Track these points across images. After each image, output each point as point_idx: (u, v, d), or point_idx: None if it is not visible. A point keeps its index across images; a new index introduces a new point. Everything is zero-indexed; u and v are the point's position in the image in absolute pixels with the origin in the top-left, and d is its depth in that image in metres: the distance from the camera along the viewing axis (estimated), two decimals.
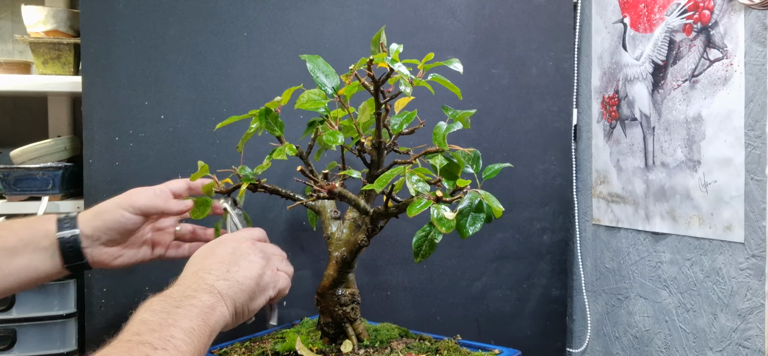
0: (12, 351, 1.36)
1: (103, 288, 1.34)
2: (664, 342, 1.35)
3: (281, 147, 1.04)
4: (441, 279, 1.53)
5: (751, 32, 1.10)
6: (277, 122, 1.07)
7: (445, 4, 1.52)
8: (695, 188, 1.23)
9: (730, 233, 1.15)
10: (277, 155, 1.04)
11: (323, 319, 1.12)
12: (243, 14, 1.40)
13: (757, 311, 1.10)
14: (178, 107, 1.38)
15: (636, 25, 1.40)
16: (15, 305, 1.36)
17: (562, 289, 1.62)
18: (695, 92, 1.23)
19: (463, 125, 1.02)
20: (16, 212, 1.47)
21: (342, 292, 1.10)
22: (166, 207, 1.09)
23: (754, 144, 1.10)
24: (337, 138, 0.98)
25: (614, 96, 1.49)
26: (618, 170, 1.48)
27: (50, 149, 1.53)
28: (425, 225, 0.90)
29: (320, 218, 1.17)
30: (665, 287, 1.34)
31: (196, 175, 1.12)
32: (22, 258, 0.99)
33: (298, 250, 1.44)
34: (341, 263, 1.09)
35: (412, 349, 1.09)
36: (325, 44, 1.45)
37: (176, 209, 1.10)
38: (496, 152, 1.55)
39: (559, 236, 1.61)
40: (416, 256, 0.90)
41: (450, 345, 1.12)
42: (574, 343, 1.69)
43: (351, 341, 1.09)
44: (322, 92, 1.01)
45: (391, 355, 1.07)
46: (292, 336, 1.14)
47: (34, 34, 1.53)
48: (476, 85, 1.54)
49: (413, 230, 0.92)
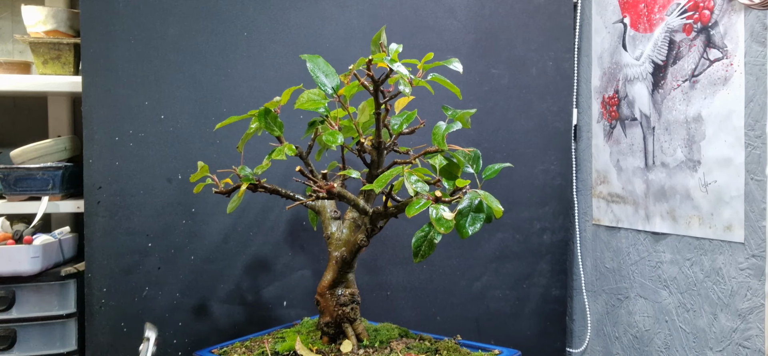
0: (12, 351, 1.36)
1: (103, 288, 1.34)
2: (664, 342, 1.35)
3: (281, 147, 1.04)
4: (441, 279, 1.53)
5: (751, 32, 1.10)
6: (276, 122, 1.07)
7: (445, 4, 1.52)
8: (695, 188, 1.23)
9: (730, 233, 1.15)
10: (276, 156, 1.04)
11: (323, 319, 1.12)
12: (243, 14, 1.40)
13: (757, 311, 1.10)
14: (178, 107, 1.38)
15: (636, 25, 1.40)
16: (15, 305, 1.36)
17: (562, 289, 1.62)
18: (695, 91, 1.23)
19: (462, 125, 1.02)
20: (17, 212, 1.48)
21: (342, 292, 1.10)
22: None
23: (754, 144, 1.10)
24: (337, 138, 0.98)
25: (614, 96, 1.49)
26: (618, 170, 1.48)
27: (50, 149, 1.53)
28: (424, 225, 0.90)
29: (320, 218, 1.17)
30: (665, 287, 1.34)
31: (196, 175, 1.12)
32: None
33: (298, 250, 1.45)
34: (341, 263, 1.09)
35: (412, 349, 1.09)
36: (325, 44, 1.45)
37: None
38: (496, 152, 1.55)
39: (559, 236, 1.61)
40: (415, 256, 0.90)
41: (450, 345, 1.12)
42: (574, 343, 1.69)
43: (351, 341, 1.09)
44: (321, 92, 1.01)
45: (391, 355, 1.07)
46: (292, 336, 1.14)
47: (34, 34, 1.53)
48: (476, 85, 1.54)
49: (413, 231, 0.92)
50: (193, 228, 1.38)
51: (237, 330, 1.40)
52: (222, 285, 1.40)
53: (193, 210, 1.38)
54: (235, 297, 1.41)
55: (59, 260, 1.45)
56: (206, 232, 1.39)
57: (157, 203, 1.37)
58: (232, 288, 1.41)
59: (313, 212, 1.22)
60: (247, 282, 1.42)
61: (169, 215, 1.37)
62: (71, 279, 1.39)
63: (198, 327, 1.39)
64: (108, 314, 1.34)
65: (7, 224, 1.46)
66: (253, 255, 1.42)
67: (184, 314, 1.38)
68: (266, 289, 1.43)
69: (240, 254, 1.41)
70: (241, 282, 1.41)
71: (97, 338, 1.34)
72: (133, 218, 1.36)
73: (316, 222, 1.23)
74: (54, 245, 1.42)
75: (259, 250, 1.42)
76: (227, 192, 1.12)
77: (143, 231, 1.36)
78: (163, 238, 1.37)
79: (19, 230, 1.43)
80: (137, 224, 1.36)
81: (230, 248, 1.40)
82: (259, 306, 1.43)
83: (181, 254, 1.38)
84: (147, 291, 1.36)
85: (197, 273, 1.39)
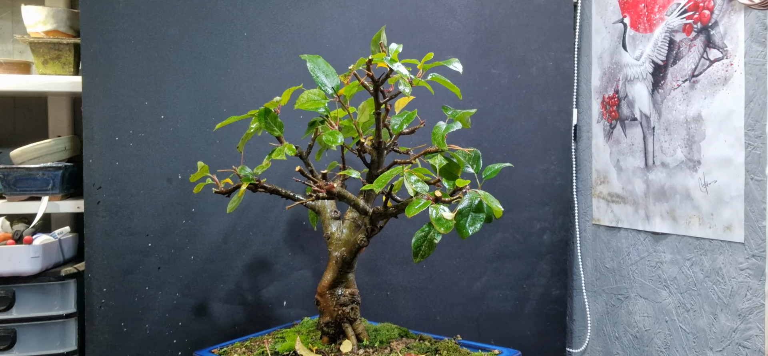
0: (12, 351, 1.36)
1: (103, 288, 1.34)
2: (664, 342, 1.35)
3: (280, 147, 1.04)
4: (441, 278, 1.53)
5: (751, 32, 1.10)
6: (276, 122, 1.07)
7: (445, 4, 1.52)
8: (695, 188, 1.23)
9: (730, 233, 1.15)
10: (276, 156, 1.04)
11: (323, 319, 1.12)
12: (243, 14, 1.40)
13: (757, 311, 1.10)
14: (178, 107, 1.38)
15: (636, 25, 1.40)
16: (15, 305, 1.36)
17: (562, 289, 1.62)
18: (695, 92, 1.23)
19: (462, 125, 1.02)
20: (17, 212, 1.48)
21: (342, 292, 1.10)
22: None
23: (754, 144, 1.10)
24: (337, 138, 0.98)
25: (614, 96, 1.49)
26: (618, 170, 1.48)
27: (50, 149, 1.53)
28: (424, 225, 0.90)
29: (320, 218, 1.17)
30: (665, 287, 1.34)
31: (196, 175, 1.12)
32: None
33: (298, 250, 1.45)
34: (341, 263, 1.09)
35: (412, 349, 1.09)
36: (325, 44, 1.45)
37: None
38: (496, 152, 1.55)
39: (559, 236, 1.61)
40: (415, 256, 0.90)
41: (450, 345, 1.12)
42: (574, 343, 1.69)
43: (351, 341, 1.09)
44: (321, 92, 1.01)
45: (391, 355, 1.07)
46: (292, 336, 1.14)
47: (34, 34, 1.53)
48: (476, 85, 1.54)
49: (413, 231, 0.92)
50: (193, 228, 1.38)
51: (237, 330, 1.40)
52: (222, 285, 1.40)
53: (193, 210, 1.38)
54: (235, 297, 1.41)
55: (59, 260, 1.45)
56: (206, 232, 1.39)
57: (157, 203, 1.37)
58: (232, 288, 1.41)
59: (313, 212, 1.22)
60: (247, 282, 1.42)
61: (169, 215, 1.37)
62: (71, 279, 1.39)
63: (198, 327, 1.39)
64: (108, 314, 1.34)
65: (7, 224, 1.46)
66: (253, 255, 1.42)
67: (184, 314, 1.38)
68: (266, 289, 1.43)
69: (240, 254, 1.41)
70: (241, 282, 1.41)
71: (97, 338, 1.34)
72: (133, 218, 1.36)
73: (316, 222, 1.23)
74: (54, 245, 1.42)
75: (259, 250, 1.42)
76: (227, 192, 1.12)
77: (143, 231, 1.36)
78: (163, 238, 1.37)
79: (19, 230, 1.43)
80: (137, 224, 1.36)
81: (230, 248, 1.40)
82: (259, 306, 1.42)
83: (181, 254, 1.38)
84: (147, 291, 1.36)
85: (197, 272, 1.39)
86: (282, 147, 1.04)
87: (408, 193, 0.92)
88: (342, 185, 1.05)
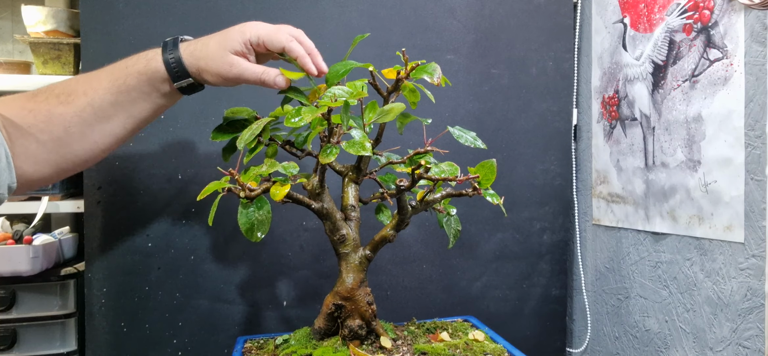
0: (12, 351, 1.36)
1: (103, 288, 1.34)
2: (664, 342, 1.35)
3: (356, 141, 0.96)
4: (441, 279, 1.53)
5: (751, 32, 1.10)
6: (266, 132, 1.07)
7: (445, 4, 1.52)
8: (695, 188, 1.23)
9: (730, 233, 1.15)
10: (351, 148, 0.95)
11: (353, 322, 1.07)
12: (243, 14, 1.40)
13: (757, 311, 1.10)
14: (178, 107, 1.38)
15: (636, 25, 1.40)
16: (15, 305, 1.36)
17: (562, 289, 1.62)
18: (695, 91, 1.23)
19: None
20: (17, 212, 1.47)
21: (365, 291, 1.07)
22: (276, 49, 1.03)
23: (754, 144, 1.10)
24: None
25: (614, 96, 1.49)
26: (618, 170, 1.48)
27: None
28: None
29: (329, 220, 1.13)
30: (665, 287, 1.34)
31: (203, 194, 1.09)
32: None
33: (298, 250, 1.45)
34: (366, 262, 1.07)
35: (432, 332, 1.12)
36: (325, 44, 1.45)
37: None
38: (496, 152, 1.55)
39: (559, 236, 1.61)
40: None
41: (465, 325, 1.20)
42: (574, 343, 1.69)
43: (386, 336, 1.07)
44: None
45: (423, 343, 1.07)
46: (303, 347, 1.09)
47: (34, 34, 1.53)
48: (476, 85, 1.54)
49: (414, 230, 0.92)
50: (193, 228, 1.38)
51: (237, 330, 1.40)
52: (222, 285, 1.40)
53: (193, 210, 1.38)
54: (236, 297, 1.41)
55: (59, 260, 1.45)
56: (206, 232, 1.39)
57: (157, 203, 1.37)
58: (233, 288, 1.41)
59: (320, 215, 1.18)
60: (248, 282, 1.42)
61: (169, 215, 1.37)
62: (71, 279, 1.39)
63: (198, 327, 1.39)
64: (108, 314, 1.34)
65: (7, 224, 1.46)
66: (253, 255, 1.42)
67: (184, 314, 1.38)
68: (266, 289, 1.43)
69: (240, 254, 1.41)
70: (241, 282, 1.41)
71: (97, 338, 1.34)
72: (133, 218, 1.36)
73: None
74: (54, 245, 1.42)
75: (259, 250, 1.42)
76: (253, 197, 1.00)
77: (143, 231, 1.36)
78: (163, 238, 1.37)
79: (19, 230, 1.43)
80: (137, 224, 1.36)
81: (230, 248, 1.40)
82: (259, 307, 1.42)
83: (181, 254, 1.38)
84: (147, 291, 1.36)
85: (197, 272, 1.39)
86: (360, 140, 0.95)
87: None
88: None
